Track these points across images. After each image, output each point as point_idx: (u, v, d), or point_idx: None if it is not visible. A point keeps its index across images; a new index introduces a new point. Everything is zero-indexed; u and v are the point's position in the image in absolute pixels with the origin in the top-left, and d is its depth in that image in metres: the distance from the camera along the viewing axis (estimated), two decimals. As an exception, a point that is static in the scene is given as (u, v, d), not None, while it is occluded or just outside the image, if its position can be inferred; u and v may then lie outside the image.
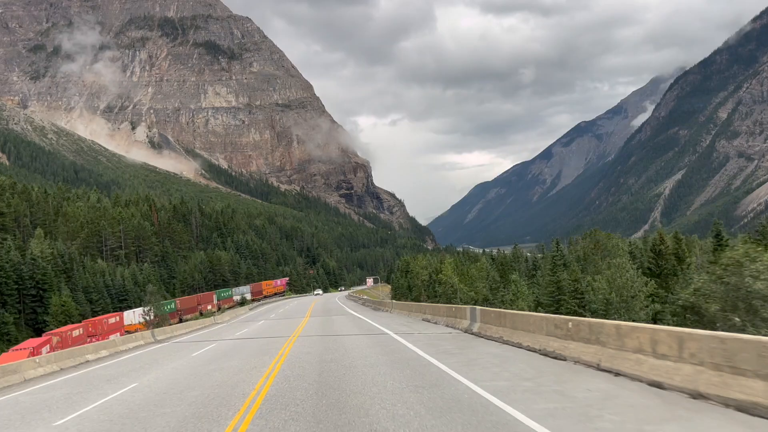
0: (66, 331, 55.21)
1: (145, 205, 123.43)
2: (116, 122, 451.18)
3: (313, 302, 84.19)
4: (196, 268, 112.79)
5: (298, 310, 59.23)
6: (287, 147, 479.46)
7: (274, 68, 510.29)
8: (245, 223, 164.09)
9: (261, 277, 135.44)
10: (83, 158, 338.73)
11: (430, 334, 22.46)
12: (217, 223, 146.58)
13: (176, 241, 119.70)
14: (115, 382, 17.75)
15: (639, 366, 9.72)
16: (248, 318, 56.42)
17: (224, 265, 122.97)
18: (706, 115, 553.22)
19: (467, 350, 16.32)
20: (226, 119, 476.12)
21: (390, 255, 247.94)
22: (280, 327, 35.63)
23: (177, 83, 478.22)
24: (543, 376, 11.22)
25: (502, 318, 18.19)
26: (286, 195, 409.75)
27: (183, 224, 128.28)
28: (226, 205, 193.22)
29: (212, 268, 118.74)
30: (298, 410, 10.21)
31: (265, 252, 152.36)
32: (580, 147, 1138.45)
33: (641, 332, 9.87)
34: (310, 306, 66.01)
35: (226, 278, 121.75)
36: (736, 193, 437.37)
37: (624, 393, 9.13)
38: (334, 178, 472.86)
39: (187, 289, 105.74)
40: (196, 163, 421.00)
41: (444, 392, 10.56)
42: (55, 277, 78.07)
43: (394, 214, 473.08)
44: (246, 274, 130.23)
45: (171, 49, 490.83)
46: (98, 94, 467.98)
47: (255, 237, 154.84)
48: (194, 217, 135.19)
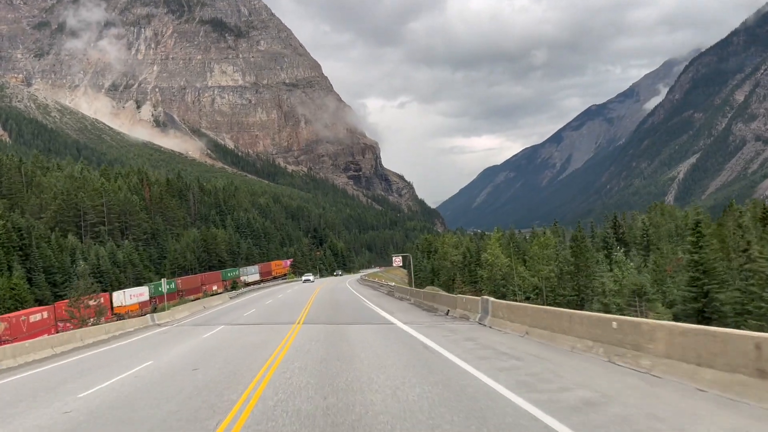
0: (19, 316, 47.58)
1: (135, 178, 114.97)
2: (121, 101, 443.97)
3: (317, 290, 62.78)
4: (188, 247, 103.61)
5: (295, 301, 42.41)
6: (294, 127, 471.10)
7: (282, 47, 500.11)
8: (248, 201, 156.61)
9: (263, 258, 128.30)
10: (86, 136, 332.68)
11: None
12: (217, 200, 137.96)
13: (169, 217, 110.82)
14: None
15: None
16: (207, 319, 36.77)
17: (220, 244, 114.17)
18: (722, 98, 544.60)
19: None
20: (233, 98, 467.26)
21: (400, 237, 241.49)
22: (242, 351, 18.13)
23: (183, 61, 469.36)
24: None
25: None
26: (293, 176, 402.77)
27: (179, 200, 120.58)
28: (228, 182, 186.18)
29: (207, 248, 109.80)
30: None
31: (268, 231, 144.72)
32: (590, 131, 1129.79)
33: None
34: (311, 296, 48.32)
35: (222, 259, 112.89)
36: (753, 177, 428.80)
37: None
38: (342, 159, 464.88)
39: (178, 270, 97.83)
40: (202, 143, 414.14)
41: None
42: (6, 255, 68.21)
43: (402, 197, 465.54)
44: (246, 255, 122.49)
45: (177, 27, 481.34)
46: (103, 72, 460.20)
47: (258, 216, 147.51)
48: (192, 193, 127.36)
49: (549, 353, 12.22)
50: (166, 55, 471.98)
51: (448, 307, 22.96)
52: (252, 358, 15.62)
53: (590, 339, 11.57)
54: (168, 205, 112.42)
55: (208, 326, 29.72)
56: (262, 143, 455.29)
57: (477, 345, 14.43)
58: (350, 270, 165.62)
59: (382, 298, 40.51)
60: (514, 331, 15.74)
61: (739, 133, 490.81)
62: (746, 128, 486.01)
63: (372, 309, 29.99)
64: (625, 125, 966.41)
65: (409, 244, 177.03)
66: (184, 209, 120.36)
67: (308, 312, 30.95)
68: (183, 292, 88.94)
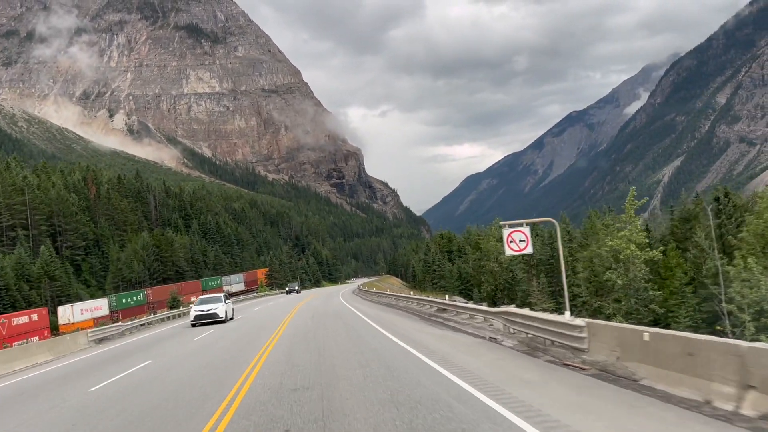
0: None
1: (78, 175, 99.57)
2: (93, 109, 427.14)
3: (295, 309, 42.09)
4: (136, 255, 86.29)
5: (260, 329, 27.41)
6: (275, 134, 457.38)
7: (260, 52, 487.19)
8: (221, 206, 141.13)
9: (235, 269, 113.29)
10: (55, 146, 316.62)
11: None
12: (182, 203, 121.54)
13: (118, 221, 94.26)
14: None
15: None
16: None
17: (178, 251, 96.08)
18: (704, 101, 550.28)
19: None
20: (210, 105, 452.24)
21: (387, 245, 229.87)
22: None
23: (157, 68, 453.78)
24: None
25: None
26: (273, 184, 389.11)
27: (137, 203, 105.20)
28: (199, 186, 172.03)
29: (160, 256, 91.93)
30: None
31: (242, 238, 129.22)
32: (571, 137, 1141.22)
33: None
34: (285, 319, 31.94)
35: (181, 269, 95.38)
36: (739, 178, 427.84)
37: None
38: (324, 167, 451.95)
39: (123, 284, 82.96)
40: (178, 152, 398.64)
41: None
42: None
43: (387, 204, 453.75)
44: (214, 264, 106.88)
45: (151, 33, 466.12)
46: (74, 80, 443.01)
47: (231, 221, 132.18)
48: (153, 195, 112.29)
49: None
50: (139, 62, 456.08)
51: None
52: None
53: None
54: (117, 206, 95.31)
55: None
56: (241, 151, 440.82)
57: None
58: (336, 280, 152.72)
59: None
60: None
61: (723, 135, 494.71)
62: (730, 130, 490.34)
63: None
64: (606, 130, 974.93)
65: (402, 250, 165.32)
66: (141, 213, 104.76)
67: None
68: (154, 305, 75.77)
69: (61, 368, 21.78)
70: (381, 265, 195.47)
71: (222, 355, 19.32)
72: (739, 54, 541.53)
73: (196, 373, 15.58)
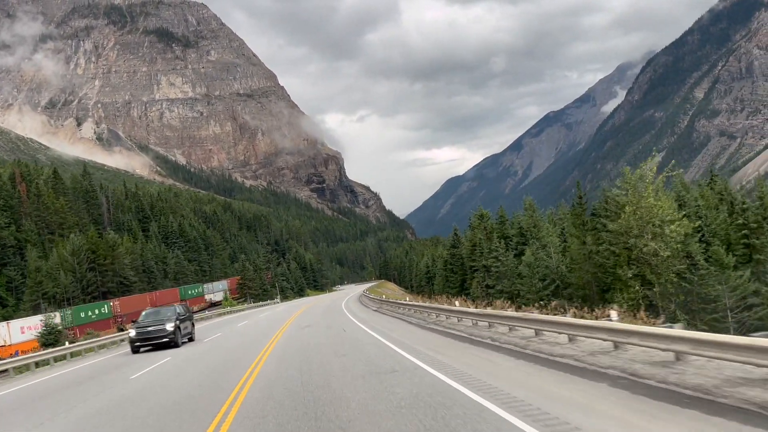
0: None
1: (4, 172, 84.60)
2: (59, 118, 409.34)
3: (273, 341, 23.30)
4: (63, 263, 66.93)
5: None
6: (251, 140, 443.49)
7: (234, 56, 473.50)
8: (189, 208, 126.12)
9: (203, 277, 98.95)
10: (18, 156, 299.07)
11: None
12: (139, 204, 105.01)
13: (50, 223, 78.12)
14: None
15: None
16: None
17: (123, 257, 75.19)
18: (682, 96, 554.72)
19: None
20: (183, 111, 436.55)
21: (373, 249, 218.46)
22: None
23: (127, 74, 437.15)
24: None
25: None
26: (251, 191, 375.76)
27: (86, 205, 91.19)
28: (166, 189, 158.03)
29: (97, 264, 71.46)
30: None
31: (212, 243, 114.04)
32: (549, 137, 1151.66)
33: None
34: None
35: (127, 280, 75.07)
36: (721, 172, 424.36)
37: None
38: (303, 172, 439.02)
39: (44, 301, 64.14)
40: (150, 159, 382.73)
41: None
42: None
43: (369, 208, 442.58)
44: (175, 273, 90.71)
45: (119, 38, 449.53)
46: (39, 88, 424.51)
47: (199, 224, 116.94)
48: (106, 196, 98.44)
49: None
50: (108, 68, 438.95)
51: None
52: None
53: None
54: (51, 206, 78.28)
55: None
56: (217, 158, 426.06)
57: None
58: (322, 288, 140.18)
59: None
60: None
61: (703, 129, 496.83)
62: (709, 124, 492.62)
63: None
64: (584, 129, 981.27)
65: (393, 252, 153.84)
66: (89, 216, 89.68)
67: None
68: (122, 319, 62.78)
69: None
70: (369, 269, 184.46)
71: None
72: (714, 49, 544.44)
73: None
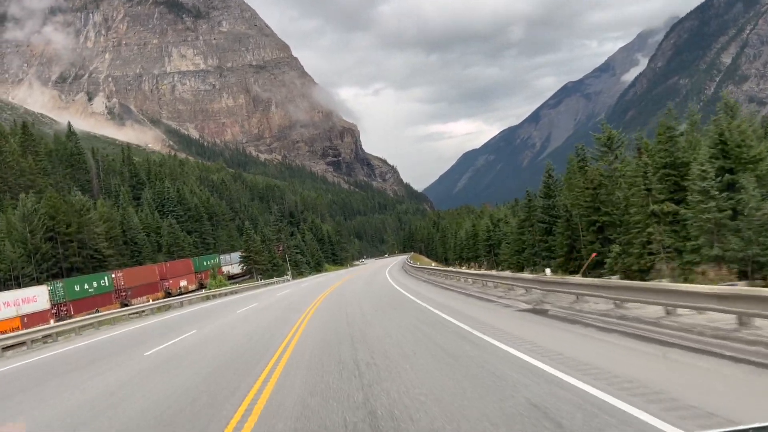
0: None
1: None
2: (70, 93, 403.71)
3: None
4: (10, 232, 53.92)
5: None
6: (265, 112, 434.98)
7: (246, 27, 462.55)
8: (194, 176, 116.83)
9: (207, 250, 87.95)
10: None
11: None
12: (132, 168, 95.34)
13: (14, 186, 65.47)
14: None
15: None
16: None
17: (91, 224, 60.12)
18: (708, 62, 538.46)
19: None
20: (195, 84, 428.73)
21: (393, 222, 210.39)
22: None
23: (137, 47, 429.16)
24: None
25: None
26: (266, 164, 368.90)
27: (71, 170, 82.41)
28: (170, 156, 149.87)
29: (56, 232, 56.77)
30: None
31: (216, 213, 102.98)
32: (568, 108, 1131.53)
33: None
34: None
35: (99, 253, 60.88)
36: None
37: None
38: (319, 145, 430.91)
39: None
40: (163, 134, 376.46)
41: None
42: None
43: (387, 181, 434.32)
44: (168, 246, 76.31)
45: (128, 10, 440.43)
46: (49, 63, 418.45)
47: (202, 191, 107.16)
48: (97, 160, 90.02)
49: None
50: (118, 41, 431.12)
51: None
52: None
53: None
54: (14, 165, 66.65)
55: None
56: (231, 131, 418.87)
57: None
58: (342, 263, 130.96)
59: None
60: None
61: (731, 95, 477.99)
62: (738, 90, 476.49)
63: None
64: (604, 99, 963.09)
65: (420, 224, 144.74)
66: (75, 182, 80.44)
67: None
68: (127, 293, 54.57)
69: None
70: (390, 242, 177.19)
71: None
72: (741, 12, 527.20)
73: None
